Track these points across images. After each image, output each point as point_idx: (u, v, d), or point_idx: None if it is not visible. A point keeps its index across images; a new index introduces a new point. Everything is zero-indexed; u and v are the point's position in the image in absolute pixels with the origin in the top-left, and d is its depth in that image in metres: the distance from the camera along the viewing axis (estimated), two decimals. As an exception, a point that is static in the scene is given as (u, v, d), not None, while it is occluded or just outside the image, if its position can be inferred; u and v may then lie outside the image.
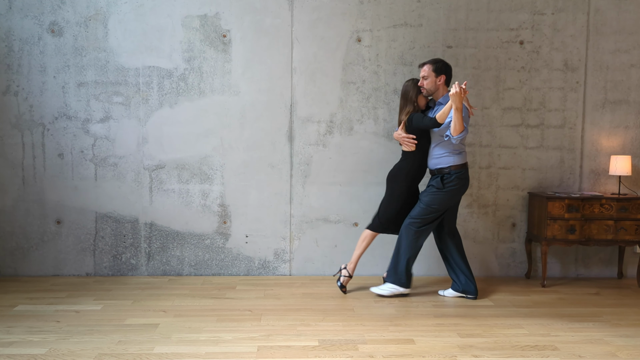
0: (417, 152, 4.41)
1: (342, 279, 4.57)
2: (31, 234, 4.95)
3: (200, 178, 4.99)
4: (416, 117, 4.31)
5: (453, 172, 4.32)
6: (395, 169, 4.50)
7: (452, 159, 4.32)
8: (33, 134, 4.89)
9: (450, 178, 4.31)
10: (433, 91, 4.37)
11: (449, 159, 4.33)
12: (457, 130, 4.10)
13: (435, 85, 4.34)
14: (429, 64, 4.33)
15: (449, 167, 4.32)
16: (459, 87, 3.96)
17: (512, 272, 5.20)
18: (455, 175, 4.32)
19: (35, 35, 4.84)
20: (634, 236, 4.81)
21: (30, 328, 3.68)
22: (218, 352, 3.32)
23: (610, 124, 5.14)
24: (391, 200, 4.48)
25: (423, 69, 4.35)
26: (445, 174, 4.32)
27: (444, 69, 4.33)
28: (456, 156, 4.33)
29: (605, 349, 3.46)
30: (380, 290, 4.48)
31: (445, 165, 4.33)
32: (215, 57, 4.93)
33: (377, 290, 4.51)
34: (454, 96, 3.98)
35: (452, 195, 4.35)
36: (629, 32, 5.07)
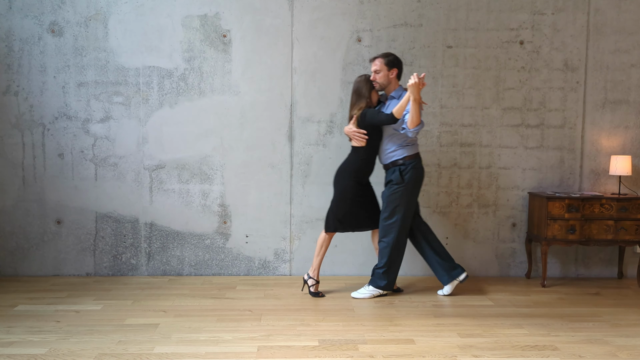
0: (367, 147, 4.38)
1: (312, 287, 4.51)
2: (31, 234, 4.95)
3: (200, 178, 4.99)
4: (370, 113, 4.30)
5: (408, 162, 4.34)
6: (344, 165, 4.46)
7: (404, 151, 4.34)
8: (33, 134, 4.89)
9: (407, 169, 4.33)
10: (385, 85, 4.35)
11: (402, 151, 4.34)
12: (414, 123, 4.13)
13: (387, 78, 4.33)
14: (380, 58, 4.32)
15: (403, 159, 4.34)
16: (417, 78, 4.00)
17: (512, 272, 5.20)
18: (411, 165, 4.34)
19: (35, 35, 4.84)
20: (634, 236, 4.81)
21: (30, 328, 3.68)
22: (218, 352, 3.32)
23: (610, 124, 5.14)
24: (342, 197, 4.43)
25: (374, 62, 4.34)
26: (401, 166, 4.34)
27: (395, 62, 4.33)
28: (408, 147, 4.35)
29: (605, 349, 3.46)
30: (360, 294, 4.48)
31: (399, 157, 4.34)
32: (215, 57, 4.93)
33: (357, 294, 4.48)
34: (412, 87, 4.02)
35: (413, 186, 4.36)
36: (629, 32, 5.07)
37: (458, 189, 5.11)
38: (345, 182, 4.41)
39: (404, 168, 4.33)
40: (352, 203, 4.43)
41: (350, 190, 4.42)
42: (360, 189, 4.45)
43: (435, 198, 5.10)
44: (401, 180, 4.33)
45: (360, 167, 4.42)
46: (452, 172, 5.10)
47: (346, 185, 4.41)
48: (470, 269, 5.15)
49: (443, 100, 5.05)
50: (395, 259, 4.43)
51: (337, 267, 5.10)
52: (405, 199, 4.35)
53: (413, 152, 4.37)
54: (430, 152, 5.07)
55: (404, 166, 4.34)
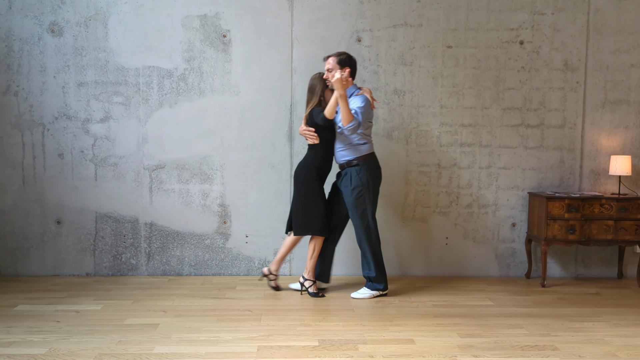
0: (322, 145, 4.39)
1: (311, 288, 4.51)
2: (31, 234, 4.95)
3: (200, 178, 4.99)
4: (315, 112, 4.32)
5: (362, 163, 4.34)
6: (302, 164, 4.46)
7: (357, 150, 4.34)
8: (33, 134, 4.89)
9: (363, 171, 4.33)
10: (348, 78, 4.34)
11: (353, 150, 4.34)
12: (346, 120, 4.15)
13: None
14: (333, 57, 4.33)
15: (357, 159, 4.34)
16: (340, 73, 4.03)
17: (512, 272, 5.20)
18: (365, 166, 4.34)
19: (35, 35, 4.84)
20: (634, 236, 4.81)
21: (30, 328, 3.68)
22: (218, 352, 3.32)
23: (610, 124, 5.14)
24: (310, 199, 4.41)
25: (328, 61, 4.35)
26: (355, 167, 4.34)
27: (347, 61, 4.33)
28: (360, 147, 4.35)
29: (605, 349, 3.46)
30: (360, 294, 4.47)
31: (352, 157, 4.35)
32: (215, 57, 4.93)
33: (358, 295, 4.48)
34: (336, 82, 4.06)
35: (373, 186, 4.37)
36: (629, 32, 5.07)
37: (458, 189, 5.11)
38: (310, 182, 4.41)
39: (359, 169, 4.34)
40: (323, 201, 4.44)
41: (317, 189, 4.42)
42: (321, 187, 4.46)
43: (435, 198, 5.10)
44: (360, 183, 4.33)
45: (320, 165, 4.42)
46: (452, 172, 5.10)
47: (311, 184, 4.41)
48: (471, 269, 5.16)
49: (443, 100, 5.05)
50: (379, 259, 4.45)
51: (337, 267, 5.10)
52: (369, 200, 4.37)
53: (366, 152, 4.37)
54: (430, 152, 5.07)
55: (358, 167, 4.34)
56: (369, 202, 4.38)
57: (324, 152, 4.42)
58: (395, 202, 5.09)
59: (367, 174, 4.35)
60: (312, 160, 4.42)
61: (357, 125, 4.21)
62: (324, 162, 4.44)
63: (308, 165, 4.42)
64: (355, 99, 4.30)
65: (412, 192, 5.09)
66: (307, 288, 4.52)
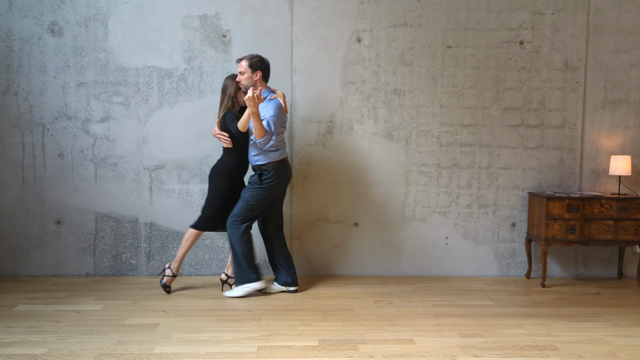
0: (236, 149, 4.39)
1: (166, 278, 4.51)
2: (31, 234, 4.95)
3: (200, 178, 4.98)
4: (229, 118, 4.31)
5: (271, 168, 4.35)
6: (215, 166, 4.47)
7: (269, 156, 4.35)
8: (33, 134, 4.89)
9: (269, 174, 4.34)
10: (250, 87, 4.33)
11: (264, 156, 4.35)
12: (258, 135, 4.18)
13: (252, 80, 4.31)
14: (245, 59, 4.32)
15: (267, 164, 4.35)
16: (252, 92, 4.04)
17: (512, 272, 5.20)
18: (274, 171, 4.35)
19: (35, 35, 4.84)
20: (634, 236, 4.81)
21: (30, 328, 3.68)
22: (218, 352, 3.32)
23: (610, 124, 5.14)
24: (214, 197, 4.44)
25: (240, 64, 4.34)
26: (264, 171, 4.35)
27: (259, 64, 4.32)
28: (273, 153, 4.35)
29: (605, 349, 3.46)
30: (234, 292, 4.45)
31: (263, 162, 4.35)
32: (215, 57, 4.93)
33: (231, 293, 4.46)
34: (248, 100, 4.05)
35: (270, 191, 4.38)
36: (629, 32, 5.07)
37: (458, 189, 5.11)
38: (219, 183, 4.42)
39: (267, 174, 4.35)
40: (224, 204, 4.44)
41: (223, 191, 4.43)
42: (233, 189, 4.46)
43: (435, 198, 5.10)
44: (259, 183, 4.35)
45: (233, 169, 4.43)
46: (452, 172, 5.10)
47: (219, 185, 4.42)
48: (470, 269, 5.16)
49: (443, 100, 5.05)
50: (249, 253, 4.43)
51: (336, 268, 5.10)
52: (256, 199, 4.36)
53: (278, 158, 4.38)
54: (430, 152, 5.07)
55: (266, 171, 4.35)
56: (255, 201, 4.36)
57: (237, 157, 4.42)
58: (395, 202, 5.09)
59: (272, 179, 4.35)
60: (225, 164, 4.44)
61: (269, 138, 4.23)
62: (238, 167, 4.45)
63: (220, 168, 4.44)
64: (268, 107, 4.28)
65: (412, 192, 5.10)
66: (164, 276, 4.52)
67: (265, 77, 4.39)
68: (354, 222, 5.08)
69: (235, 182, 4.48)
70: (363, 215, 5.08)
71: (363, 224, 5.08)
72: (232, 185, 4.46)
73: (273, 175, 4.36)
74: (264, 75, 4.36)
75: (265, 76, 4.38)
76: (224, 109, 4.39)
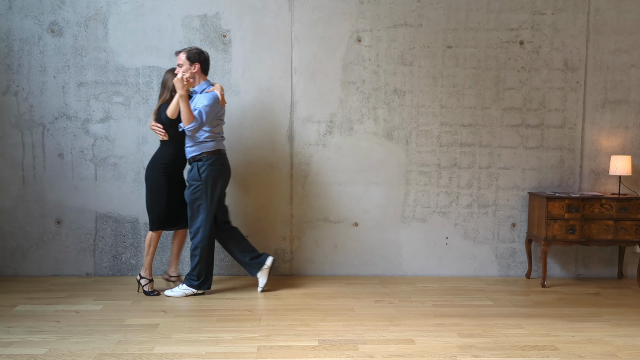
0: (171, 142, 4.37)
1: (146, 286, 4.47)
2: (31, 234, 4.95)
3: (200, 178, 4.98)
4: (163, 110, 4.31)
5: (205, 158, 4.31)
6: (151, 161, 4.44)
7: (203, 147, 4.32)
8: (33, 134, 4.89)
9: (204, 166, 4.31)
10: (189, 79, 4.31)
11: (199, 147, 4.32)
12: (187, 120, 4.15)
13: (190, 73, 4.29)
14: (183, 52, 4.31)
15: (201, 154, 4.32)
16: (181, 74, 4.04)
17: (512, 272, 5.20)
18: (208, 162, 4.31)
19: (35, 35, 4.84)
20: (634, 236, 4.81)
21: (30, 328, 3.68)
22: (218, 352, 3.32)
23: (610, 124, 5.14)
24: (153, 193, 4.40)
25: (179, 57, 4.32)
26: (198, 162, 4.32)
27: (197, 56, 4.30)
28: (207, 144, 4.32)
29: (605, 349, 3.46)
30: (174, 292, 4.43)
31: (197, 152, 4.33)
32: (215, 57, 4.93)
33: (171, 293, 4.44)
34: (176, 82, 4.05)
35: (213, 184, 4.34)
36: (629, 32, 5.07)
37: (458, 189, 5.11)
38: (156, 177, 4.39)
39: (201, 165, 4.32)
40: (168, 198, 4.40)
41: (163, 185, 4.38)
42: (172, 184, 4.42)
43: (435, 198, 5.10)
44: (199, 178, 4.32)
45: (169, 161, 4.39)
46: (452, 172, 5.10)
47: (157, 180, 4.39)
48: (470, 269, 5.15)
49: (443, 100, 5.05)
50: (207, 259, 4.40)
51: (337, 267, 5.10)
52: (206, 197, 4.34)
53: (213, 149, 4.34)
54: (430, 152, 5.07)
55: (200, 162, 4.32)
56: (205, 198, 4.33)
57: (173, 149, 4.39)
58: (395, 202, 5.09)
59: (209, 170, 4.31)
60: (160, 157, 4.41)
61: (199, 126, 4.20)
62: (173, 159, 4.41)
63: (156, 161, 4.41)
64: (203, 97, 4.27)
65: (412, 192, 5.10)
66: (143, 286, 4.48)
67: (204, 70, 4.36)
68: (354, 222, 5.09)
69: (174, 176, 4.42)
70: (363, 215, 5.08)
71: (363, 224, 5.08)
72: (171, 179, 4.41)
73: (209, 167, 4.31)
74: (202, 68, 4.33)
75: (204, 68, 4.35)
76: (161, 102, 4.37)
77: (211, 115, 4.26)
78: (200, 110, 4.21)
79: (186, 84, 4.10)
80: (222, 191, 4.48)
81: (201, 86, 4.35)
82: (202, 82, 4.36)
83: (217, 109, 4.30)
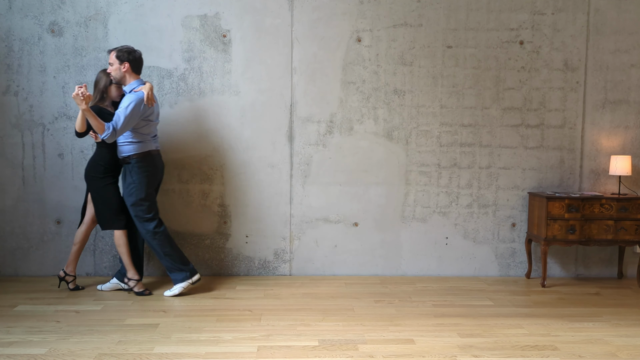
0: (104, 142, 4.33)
1: (136, 287, 4.45)
2: (31, 234, 4.94)
3: (200, 178, 4.99)
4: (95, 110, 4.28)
5: (134, 160, 4.31)
6: (89, 161, 4.44)
7: (132, 147, 4.31)
8: (33, 134, 4.89)
9: (134, 168, 4.30)
10: (119, 78, 4.31)
11: (129, 147, 4.31)
12: (99, 130, 4.13)
13: (120, 72, 4.28)
14: (113, 51, 4.29)
15: (130, 157, 4.31)
16: (77, 89, 4.02)
17: (512, 272, 5.20)
18: (137, 163, 4.30)
19: (35, 35, 4.84)
20: (634, 236, 4.81)
21: (30, 328, 3.68)
22: (218, 352, 3.32)
23: (610, 124, 5.14)
24: (99, 195, 4.39)
25: (110, 56, 4.31)
26: (127, 164, 4.32)
27: (126, 55, 4.27)
28: (137, 145, 4.31)
29: (605, 349, 3.46)
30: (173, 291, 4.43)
31: (127, 154, 4.32)
32: (215, 57, 4.93)
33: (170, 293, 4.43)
34: (74, 98, 4.03)
35: (145, 181, 4.32)
36: (629, 32, 5.07)
37: (458, 189, 5.11)
38: (98, 178, 4.38)
39: (130, 167, 4.32)
40: (113, 197, 4.40)
41: (107, 186, 4.38)
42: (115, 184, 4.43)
43: (435, 198, 5.10)
44: (132, 180, 4.33)
45: (108, 162, 4.39)
46: (452, 172, 5.10)
47: (100, 181, 4.38)
48: (470, 269, 5.16)
49: (443, 100, 5.05)
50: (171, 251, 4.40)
51: (337, 267, 5.10)
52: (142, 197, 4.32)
53: (142, 151, 4.33)
54: (430, 152, 5.07)
55: (130, 165, 4.32)
56: (141, 198, 4.33)
57: (108, 150, 4.38)
58: (395, 202, 5.09)
59: (139, 171, 4.31)
60: (98, 158, 4.41)
61: (114, 133, 4.15)
62: (111, 159, 4.40)
63: (94, 162, 4.41)
64: (127, 98, 4.23)
65: (412, 192, 5.10)
66: (131, 288, 4.48)
67: (135, 69, 4.32)
68: (354, 222, 5.09)
69: (115, 174, 4.43)
70: (363, 215, 5.08)
71: (363, 224, 5.08)
72: (115, 177, 4.42)
73: (137, 167, 4.30)
74: (132, 67, 4.30)
75: (135, 67, 4.31)
76: (92, 103, 4.35)
77: (133, 118, 4.20)
78: (117, 115, 4.16)
79: (83, 99, 4.04)
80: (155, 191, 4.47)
81: (131, 85, 4.31)
82: (132, 82, 4.31)
83: (140, 110, 4.22)
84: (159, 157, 4.48)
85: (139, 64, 4.36)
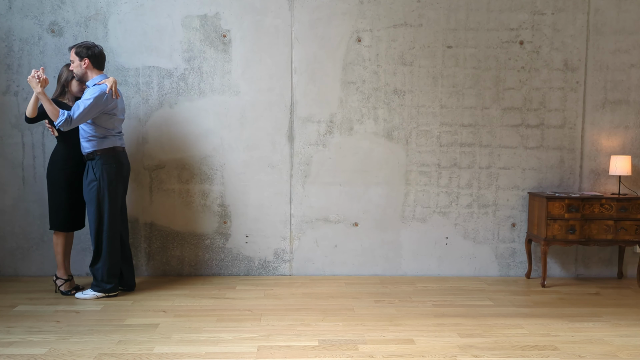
0: (63, 137, 4.32)
1: (63, 286, 4.42)
2: (31, 234, 4.94)
3: (200, 178, 4.99)
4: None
5: (98, 157, 4.26)
6: (51, 158, 4.40)
7: (95, 144, 4.26)
8: (33, 134, 4.89)
9: (98, 165, 4.25)
10: (81, 75, 4.28)
11: (93, 143, 4.27)
12: (54, 116, 4.08)
13: (81, 69, 4.26)
14: (73, 48, 4.27)
15: (94, 152, 4.27)
16: (33, 72, 3.99)
17: (512, 272, 5.20)
18: (102, 161, 4.25)
19: (35, 35, 4.84)
20: (634, 236, 4.81)
21: (30, 328, 3.68)
22: (218, 352, 3.32)
23: (610, 124, 5.14)
24: (54, 189, 4.36)
25: (70, 53, 4.29)
26: (92, 160, 4.28)
27: (86, 51, 4.23)
28: (99, 141, 4.26)
29: (605, 349, 3.46)
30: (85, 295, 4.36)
31: (90, 149, 4.27)
32: (215, 57, 4.93)
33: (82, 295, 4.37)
34: (30, 81, 4.01)
35: (109, 182, 4.27)
36: (629, 32, 5.07)
37: (458, 189, 5.11)
38: (55, 174, 4.35)
39: (94, 163, 4.27)
40: (69, 195, 4.36)
41: (63, 182, 4.34)
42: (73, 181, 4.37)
43: (435, 198, 5.10)
44: (94, 177, 4.27)
45: (66, 157, 4.35)
46: (452, 172, 5.10)
47: (56, 176, 4.35)
48: (470, 269, 5.16)
49: (443, 100, 5.05)
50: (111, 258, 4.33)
51: (337, 267, 5.10)
52: (105, 195, 4.28)
53: (106, 146, 4.28)
54: (430, 152, 5.07)
55: (94, 161, 4.27)
56: (104, 197, 4.28)
57: (68, 144, 4.35)
58: (395, 202, 5.09)
59: (103, 168, 4.26)
60: (57, 153, 4.38)
61: (69, 121, 4.08)
62: (69, 154, 4.36)
63: (54, 157, 4.38)
64: (88, 91, 4.20)
65: (412, 192, 5.10)
66: (59, 287, 4.45)
67: (96, 64, 4.28)
68: (354, 222, 5.09)
69: (75, 173, 4.37)
70: (363, 215, 5.08)
71: (363, 224, 5.08)
72: (76, 174, 4.36)
73: (103, 165, 4.25)
74: (93, 63, 4.26)
75: (95, 63, 4.27)
76: (53, 96, 4.33)
77: (93, 109, 4.13)
78: (77, 104, 4.11)
79: (39, 82, 4.00)
80: (122, 190, 4.42)
81: (93, 80, 4.28)
82: (95, 77, 4.29)
83: (102, 102, 4.16)
84: (124, 154, 4.43)
85: (100, 59, 4.32)
